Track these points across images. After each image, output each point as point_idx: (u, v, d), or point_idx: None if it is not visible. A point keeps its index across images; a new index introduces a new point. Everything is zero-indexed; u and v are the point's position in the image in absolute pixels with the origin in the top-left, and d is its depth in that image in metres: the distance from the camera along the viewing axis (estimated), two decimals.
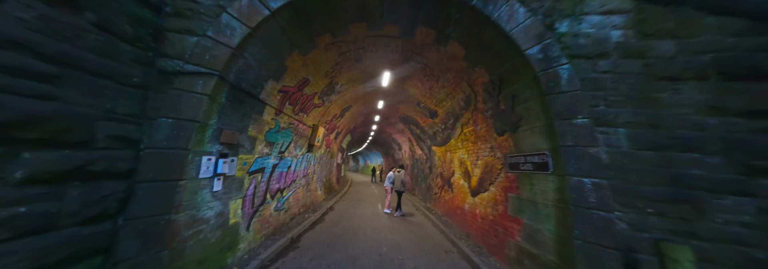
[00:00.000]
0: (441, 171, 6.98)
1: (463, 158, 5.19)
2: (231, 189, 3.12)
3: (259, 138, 3.82)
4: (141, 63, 2.22)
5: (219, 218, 2.84)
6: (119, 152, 2.03)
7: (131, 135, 2.14)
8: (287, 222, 5.05)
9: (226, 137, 2.88)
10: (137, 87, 2.20)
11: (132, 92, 2.16)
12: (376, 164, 27.71)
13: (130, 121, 2.14)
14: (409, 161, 12.62)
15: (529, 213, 2.82)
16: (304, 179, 6.63)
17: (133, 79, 2.16)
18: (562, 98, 2.49)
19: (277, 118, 4.40)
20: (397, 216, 6.75)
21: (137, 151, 2.17)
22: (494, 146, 3.82)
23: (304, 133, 6.09)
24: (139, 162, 2.15)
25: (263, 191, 4.15)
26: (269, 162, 4.34)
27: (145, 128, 2.24)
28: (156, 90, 2.34)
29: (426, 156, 9.00)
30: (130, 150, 2.12)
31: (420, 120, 8.39)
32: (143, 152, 2.19)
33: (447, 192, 6.22)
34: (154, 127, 2.27)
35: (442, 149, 6.93)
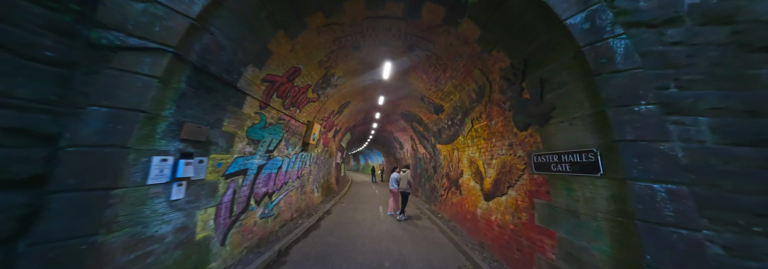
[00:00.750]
0: (447, 172, 6.40)
1: (474, 157, 4.61)
2: (199, 197, 2.56)
3: (238, 134, 3.25)
4: (57, 31, 1.65)
5: (179, 233, 2.27)
6: (17, 151, 1.47)
7: (42, 129, 1.57)
8: (276, 230, 4.49)
9: (189, 132, 2.31)
10: (52, 63, 1.63)
11: (42, 70, 1.59)
12: (376, 164, 27.13)
13: (39, 110, 1.57)
14: (411, 160, 12.05)
15: (567, 226, 2.24)
16: (299, 181, 6.08)
17: (43, 52, 1.59)
18: (617, 79, 1.90)
19: (263, 112, 3.83)
20: (401, 219, 6.20)
21: (53, 150, 1.60)
22: (514, 143, 3.24)
23: (297, 130, 5.52)
24: (54, 166, 1.58)
25: (246, 196, 3.59)
26: (254, 163, 3.77)
27: (66, 120, 1.67)
28: (85, 70, 1.77)
29: (430, 155, 8.42)
30: (39, 149, 1.55)
31: (423, 116, 7.80)
32: (62, 151, 1.62)
33: (454, 195, 5.64)
34: (81, 119, 1.70)
35: (449, 147, 6.34)
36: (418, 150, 10.21)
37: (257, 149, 3.86)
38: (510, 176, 3.31)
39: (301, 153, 6.15)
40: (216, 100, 2.67)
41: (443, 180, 6.67)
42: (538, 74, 2.58)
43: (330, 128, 8.59)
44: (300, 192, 6.16)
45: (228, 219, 3.11)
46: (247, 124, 3.46)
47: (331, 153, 10.53)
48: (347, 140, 14.89)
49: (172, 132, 2.16)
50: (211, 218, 2.75)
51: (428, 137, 8.32)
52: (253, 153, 3.75)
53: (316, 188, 7.94)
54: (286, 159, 5.15)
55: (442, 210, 6.43)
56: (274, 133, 4.41)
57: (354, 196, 10.14)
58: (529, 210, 2.82)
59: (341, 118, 9.07)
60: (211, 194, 2.77)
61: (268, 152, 4.24)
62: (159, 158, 2.04)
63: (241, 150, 3.37)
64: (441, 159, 7.07)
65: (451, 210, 5.71)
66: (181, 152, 2.29)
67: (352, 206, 7.82)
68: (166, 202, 2.13)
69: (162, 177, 2.07)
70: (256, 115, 3.66)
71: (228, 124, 2.97)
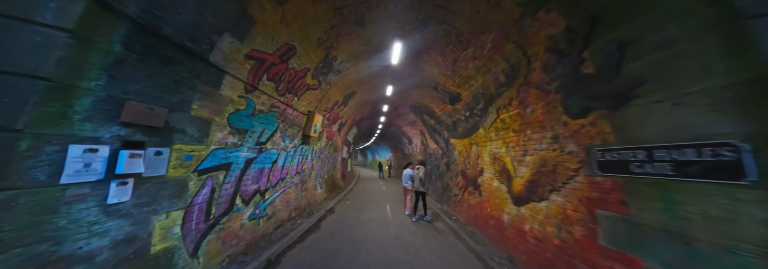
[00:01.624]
0: (463, 169, 5.68)
1: (499, 153, 3.88)
2: (156, 198, 2.01)
3: (216, 121, 2.68)
4: None
5: (123, 247, 1.73)
6: None
7: None
8: (269, 233, 3.98)
9: (135, 115, 1.73)
10: None
11: None
12: (383, 159, 26.62)
13: None
14: (420, 156, 11.35)
15: (666, 255, 1.53)
16: (298, 176, 5.55)
17: None
18: None
19: (250, 97, 3.25)
20: (416, 221, 5.58)
21: None
22: (561, 135, 2.50)
23: (295, 120, 4.94)
24: None
25: (229, 195, 3.05)
26: (240, 156, 3.22)
27: None
28: None
29: (442, 150, 7.69)
30: None
31: (436, 108, 7.05)
32: None
33: (472, 195, 4.94)
34: None
35: (465, 142, 5.61)
36: (428, 145, 9.49)
37: (244, 140, 3.30)
38: (553, 177, 2.59)
39: (302, 147, 5.60)
40: (178, 76, 2.08)
41: (458, 179, 5.97)
42: (616, 35, 1.82)
43: (334, 121, 8.00)
44: (300, 188, 5.64)
45: (203, 223, 2.58)
46: (229, 110, 2.88)
47: (337, 147, 10.00)
48: (354, 135, 14.34)
49: (104, 112, 1.58)
50: (176, 224, 2.21)
51: (441, 131, 7.59)
52: (239, 144, 3.19)
53: (320, 184, 7.44)
54: (283, 153, 4.60)
55: (458, 211, 5.75)
56: (267, 123, 3.83)
57: (360, 193, 9.62)
58: (588, 223, 2.11)
59: (347, 110, 8.45)
60: (177, 194, 2.22)
61: (259, 144, 3.68)
62: (81, 148, 1.48)
63: (220, 141, 2.80)
64: (455, 155, 6.35)
65: (469, 212, 5.03)
66: (124, 140, 1.73)
67: (357, 204, 7.28)
68: (98, 208, 1.58)
69: (88, 174, 1.51)
70: (241, 100, 3.08)
71: (199, 107, 2.39)
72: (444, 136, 7.30)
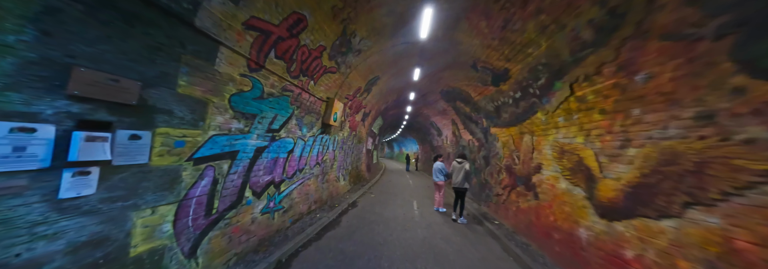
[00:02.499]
0: (508, 164, 4.75)
1: (571, 144, 2.94)
2: (137, 191, 1.68)
3: (213, 103, 2.30)
4: None
5: (89, 251, 1.42)
6: None
7: None
8: (286, 228, 3.69)
9: (86, 85, 1.35)
10: None
11: None
12: (411, 152, 25.93)
13: None
14: (450, 149, 10.42)
15: None
16: (318, 168, 5.23)
17: None
18: None
19: (256, 77, 2.83)
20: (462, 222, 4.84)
21: None
22: (724, 111, 1.55)
23: (313, 107, 4.53)
24: None
25: (237, 187, 2.74)
26: (247, 144, 2.87)
27: None
28: None
29: (479, 142, 6.73)
30: None
31: (473, 92, 6.06)
32: None
33: (523, 197, 4.05)
34: None
35: (512, 131, 4.64)
36: (461, 136, 8.53)
37: (253, 126, 2.94)
38: (697, 182, 1.67)
39: (322, 136, 5.23)
40: (153, 41, 1.67)
41: (502, 176, 5.05)
42: None
43: (357, 110, 7.52)
44: (321, 180, 5.34)
45: (203, 219, 2.27)
46: (230, 90, 2.49)
47: (361, 138, 9.61)
48: (379, 126, 13.87)
49: (40, 80, 1.21)
50: (166, 220, 1.90)
51: (478, 119, 6.60)
52: (246, 131, 2.83)
53: (343, 176, 7.13)
54: (300, 142, 4.25)
55: (501, 215, 4.87)
56: (279, 108, 3.44)
57: (385, 186, 9.18)
58: None
59: (370, 98, 7.89)
60: (166, 186, 1.89)
61: (270, 131, 3.32)
62: (5, 126, 1.12)
63: (222, 126, 2.44)
64: (497, 147, 5.39)
65: (518, 218, 4.16)
66: (80, 119, 1.37)
67: (382, 198, 6.83)
68: (43, 204, 1.25)
69: (21, 161, 1.17)
70: (245, 80, 2.67)
71: (188, 84, 2.00)
72: (482, 125, 6.33)
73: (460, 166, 5.13)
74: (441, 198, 5.70)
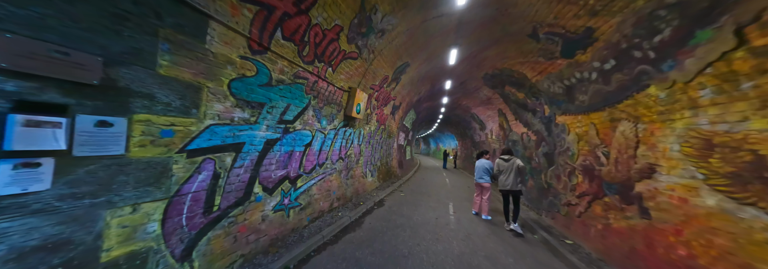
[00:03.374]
0: (587, 164, 3.64)
1: (736, 134, 1.86)
2: (110, 186, 1.46)
3: (208, 88, 2.03)
4: None
5: (44, 257, 1.19)
6: None
7: None
8: (303, 227, 3.43)
9: (20, 57, 1.11)
10: None
11: None
12: (449, 148, 24.45)
13: None
14: (496, 144, 9.15)
15: None
16: (342, 163, 4.90)
17: None
18: None
19: (261, 61, 2.52)
20: (515, 229, 3.99)
21: None
22: None
23: (333, 97, 4.16)
24: None
25: (244, 182, 2.50)
26: (255, 136, 2.61)
27: None
28: None
29: (537, 135, 5.54)
30: None
31: (530, 71, 4.94)
32: None
33: (616, 213, 2.97)
34: None
35: (597, 118, 3.50)
36: (511, 129, 7.29)
37: (261, 116, 2.66)
38: None
39: (345, 130, 4.87)
40: (115, 8, 1.40)
41: (576, 179, 3.93)
42: None
43: (385, 102, 7.00)
44: (345, 176, 5.02)
45: (201, 217, 2.06)
46: (229, 75, 2.21)
47: (391, 132, 9.10)
48: (412, 120, 13.15)
49: None
50: (152, 219, 1.69)
51: (535, 106, 5.41)
52: (253, 121, 2.56)
53: (370, 172, 6.76)
54: (319, 135, 3.93)
55: (574, 232, 3.70)
56: (292, 97, 3.13)
57: (418, 184, 8.54)
58: None
59: (399, 89, 7.28)
60: (151, 180, 1.67)
61: (283, 122, 3.03)
62: None
63: (222, 115, 2.18)
64: (568, 140, 4.24)
65: (606, 241, 3.04)
66: (18, 100, 1.15)
67: (412, 198, 6.25)
68: None
69: None
70: (247, 63, 2.37)
71: (172, 64, 1.73)
72: (542, 114, 5.16)
73: (508, 164, 4.24)
74: (486, 203, 4.79)
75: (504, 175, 4.23)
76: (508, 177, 4.15)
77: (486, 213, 4.77)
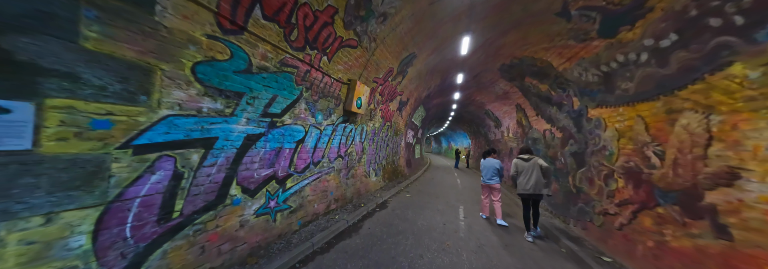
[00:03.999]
0: (631, 166, 2.99)
1: None
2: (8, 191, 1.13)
3: (163, 71, 1.67)
4: None
5: None
6: None
7: None
8: (293, 232, 3.05)
9: None
10: None
11: None
12: (461, 146, 23.56)
13: None
14: (514, 143, 8.41)
15: None
16: (341, 161, 4.50)
17: None
18: None
19: (234, 42, 2.14)
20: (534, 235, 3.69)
21: None
22: None
23: (329, 90, 3.75)
24: None
25: (216, 183, 2.14)
26: (232, 130, 2.24)
27: None
28: None
29: (564, 132, 4.86)
30: None
31: (556, 58, 4.30)
32: None
33: (677, 228, 2.31)
34: None
35: (645, 109, 2.83)
36: (531, 125, 6.58)
37: (239, 108, 2.29)
38: None
39: (345, 126, 4.46)
40: None
41: (615, 184, 3.26)
42: None
43: (391, 97, 6.52)
44: (344, 175, 4.62)
45: (156, 225, 1.71)
46: (193, 56, 1.84)
47: (398, 130, 8.61)
48: (421, 117, 12.58)
49: None
50: (77, 232, 1.34)
51: (562, 99, 4.75)
52: (229, 113, 2.19)
53: (374, 171, 6.32)
54: (314, 131, 3.54)
55: (613, 247, 3.02)
56: (279, 88, 2.74)
57: (427, 185, 8.02)
58: None
59: (406, 83, 6.77)
60: (77, 183, 1.32)
61: (268, 116, 2.66)
62: None
63: (184, 104, 1.82)
64: (604, 137, 3.58)
65: (660, 265, 2.38)
66: None
67: (419, 199, 5.75)
68: None
69: None
70: (216, 44, 1.99)
71: (103, 37, 1.37)
72: (570, 107, 4.49)
73: (529, 164, 3.70)
74: (498, 204, 4.27)
75: (524, 177, 3.68)
76: (529, 179, 3.60)
77: (500, 217, 4.25)
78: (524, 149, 3.96)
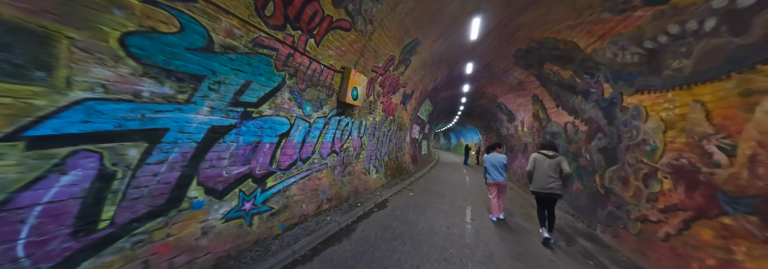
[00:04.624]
0: (678, 163, 2.32)
1: None
2: None
3: (73, 40, 1.25)
4: None
5: None
6: None
7: None
8: (272, 237, 2.65)
9: None
10: None
11: None
12: (471, 142, 22.63)
13: None
14: (528, 138, 7.67)
15: None
16: (335, 157, 4.05)
17: None
18: None
19: (185, 10, 1.68)
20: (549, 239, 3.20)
21: None
22: None
23: (319, 78, 3.28)
24: None
25: (168, 184, 1.74)
26: (190, 120, 1.83)
27: None
28: None
29: (590, 125, 4.15)
30: None
31: (584, 37, 3.64)
32: None
33: (743, 245, 1.73)
34: None
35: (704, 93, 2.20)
36: (550, 118, 5.84)
37: (199, 94, 1.87)
38: None
39: (340, 119, 4.00)
40: None
41: (659, 185, 2.59)
42: None
43: (393, 89, 5.97)
44: (339, 172, 4.18)
45: (71, 239, 1.30)
46: (124, 25, 1.41)
47: (402, 124, 8.06)
48: (428, 112, 11.93)
49: None
50: None
51: (589, 86, 4.07)
52: (183, 100, 1.77)
53: (375, 167, 5.86)
54: (301, 123, 3.10)
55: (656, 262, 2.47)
56: (253, 72, 2.30)
57: (432, 182, 7.48)
58: None
59: (410, 74, 6.19)
60: None
61: (240, 105, 2.23)
62: None
63: (114, 86, 1.41)
64: (645, 129, 2.87)
65: None
66: None
67: (423, 198, 5.25)
68: None
69: None
70: (158, 12, 1.55)
71: None
72: (600, 95, 3.81)
73: (553, 162, 3.26)
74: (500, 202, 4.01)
75: (544, 174, 3.25)
76: (548, 177, 3.23)
77: (501, 213, 4.02)
78: (547, 145, 3.49)
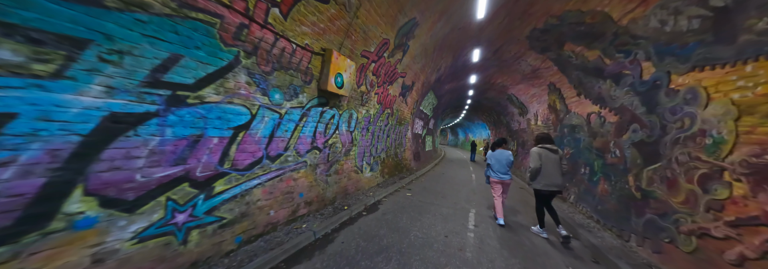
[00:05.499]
0: (758, 161, 1.62)
1: None
2: None
3: None
4: None
5: None
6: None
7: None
8: (221, 255, 2.06)
9: None
10: None
11: None
12: (479, 138, 21.50)
13: None
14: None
15: None
16: (317, 154, 3.42)
17: None
18: None
19: None
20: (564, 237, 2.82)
21: None
22: None
23: (291, 60, 2.63)
24: None
25: (20, 196, 1.18)
26: (62, 103, 1.23)
27: None
28: None
29: (622, 114, 3.31)
30: None
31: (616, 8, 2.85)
32: None
33: None
34: None
35: None
36: (569, 109, 4.93)
37: (78, 66, 1.27)
38: None
39: (322, 110, 3.35)
40: None
41: (727, 191, 1.80)
42: None
43: (389, 78, 5.24)
44: (323, 171, 3.55)
45: None
46: None
47: (402, 119, 7.34)
48: (432, 105, 11.09)
49: None
50: None
51: (622, 68, 3.27)
52: (43, 72, 1.18)
53: (370, 165, 5.21)
54: (268, 114, 2.48)
55: None
56: (183, 44, 1.68)
57: (434, 181, 6.76)
58: None
59: (409, 62, 5.43)
60: None
61: (163, 86, 1.62)
62: None
63: None
64: (704, 118, 2.08)
65: None
66: None
67: (420, 199, 4.58)
68: None
69: None
70: None
71: None
72: (638, 77, 3.01)
73: (557, 157, 3.00)
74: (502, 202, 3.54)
75: (554, 170, 2.95)
76: (556, 174, 2.95)
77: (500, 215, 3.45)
78: (544, 137, 3.15)
